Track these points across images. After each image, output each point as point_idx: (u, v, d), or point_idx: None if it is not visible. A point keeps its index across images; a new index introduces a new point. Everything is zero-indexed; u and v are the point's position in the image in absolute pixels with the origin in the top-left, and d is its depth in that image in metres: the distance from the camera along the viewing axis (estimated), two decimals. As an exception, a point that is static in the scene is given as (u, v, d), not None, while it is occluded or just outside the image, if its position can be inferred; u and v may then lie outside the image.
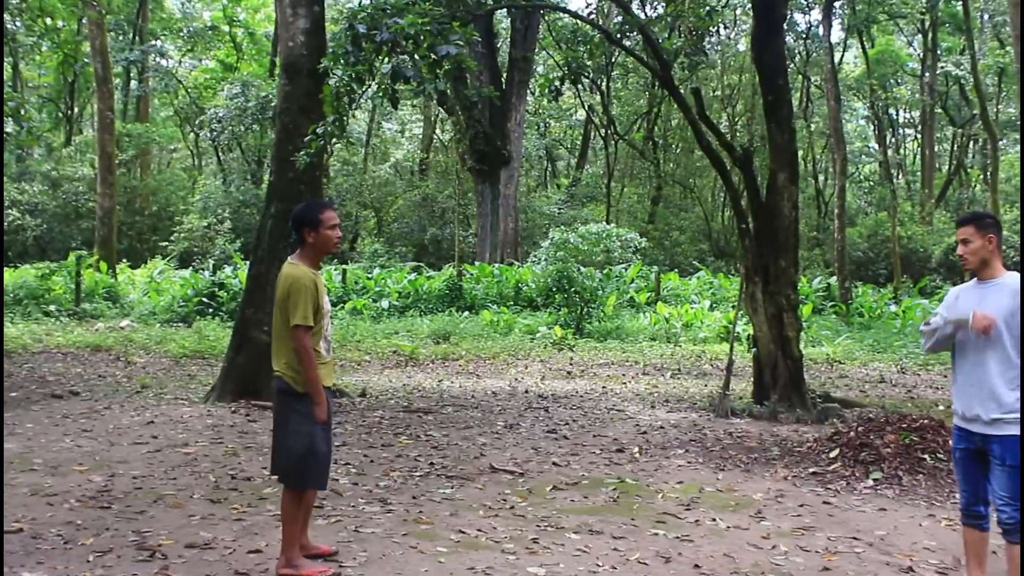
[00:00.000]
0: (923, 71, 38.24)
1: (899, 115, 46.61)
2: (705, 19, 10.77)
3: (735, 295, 19.36)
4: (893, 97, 39.92)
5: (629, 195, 44.32)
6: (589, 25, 11.97)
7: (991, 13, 38.28)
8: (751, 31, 10.75)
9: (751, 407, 11.02)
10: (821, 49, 29.49)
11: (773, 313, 11.01)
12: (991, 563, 5.09)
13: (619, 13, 12.28)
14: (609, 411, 11.10)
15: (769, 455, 8.59)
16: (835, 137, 25.62)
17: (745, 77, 38.19)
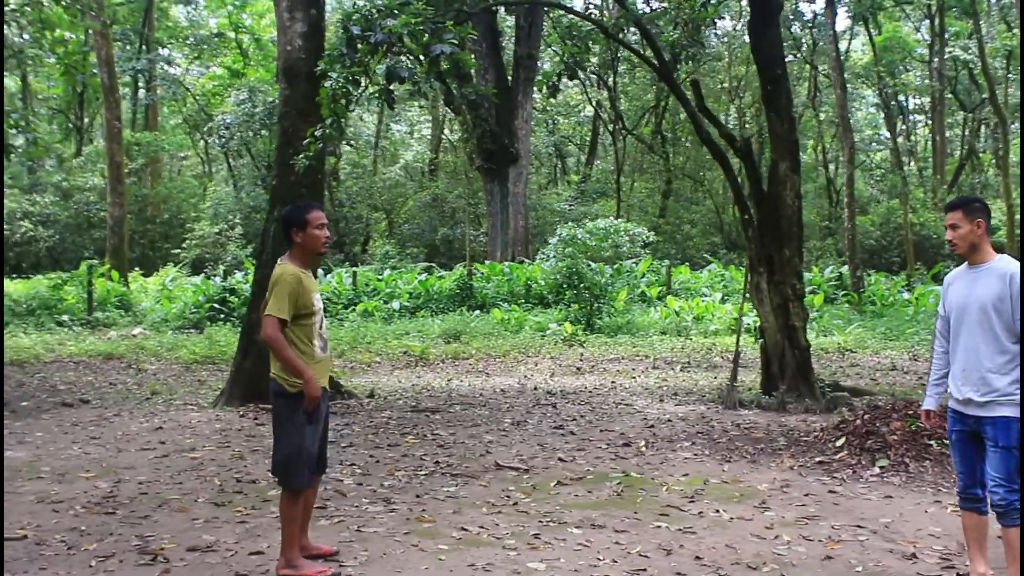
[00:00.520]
0: (931, 57, 37.98)
1: (909, 102, 46.31)
2: (701, 11, 10.75)
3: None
4: (902, 84, 39.66)
5: (639, 190, 44.22)
6: (585, 19, 11.95)
7: (998, -4, 38.06)
8: (748, 21, 10.71)
9: (759, 398, 10.99)
10: (827, 38, 29.32)
11: (779, 303, 10.97)
12: (993, 547, 5.08)
13: (616, 7, 12.23)
14: (617, 406, 11.10)
15: (775, 445, 8.57)
16: (843, 125, 25.53)
17: (752, 68, 38.00)
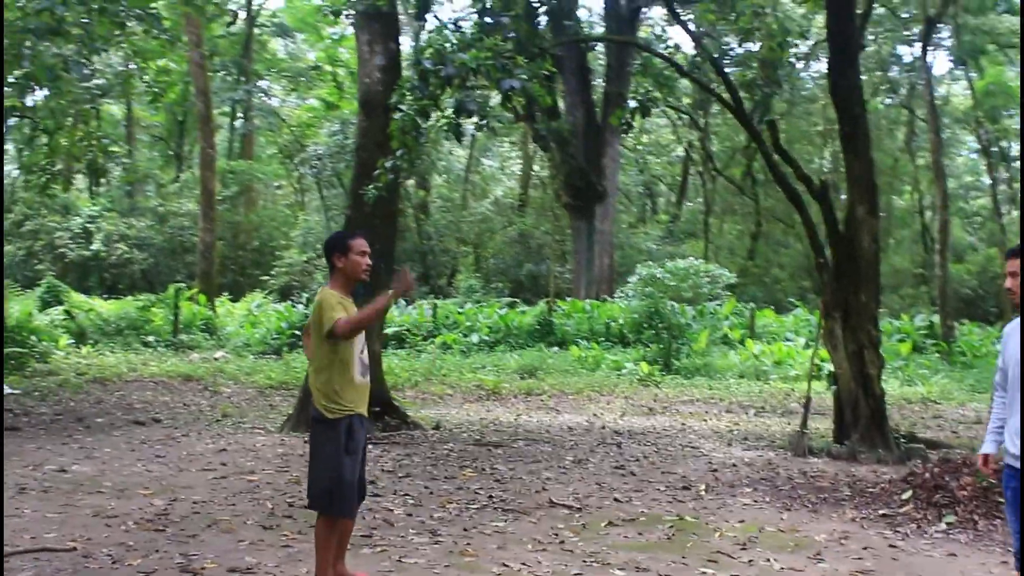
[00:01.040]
0: (1035, 102, 36.94)
1: (1011, 148, 45.00)
2: (777, 50, 10.64)
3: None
4: (1002, 129, 38.61)
5: (729, 231, 43.78)
6: (660, 57, 11.91)
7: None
8: (828, 62, 10.55)
9: (830, 446, 10.68)
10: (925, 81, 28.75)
11: (853, 350, 10.68)
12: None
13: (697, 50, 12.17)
14: (683, 448, 10.91)
15: (839, 495, 8.31)
16: (936, 170, 24.93)
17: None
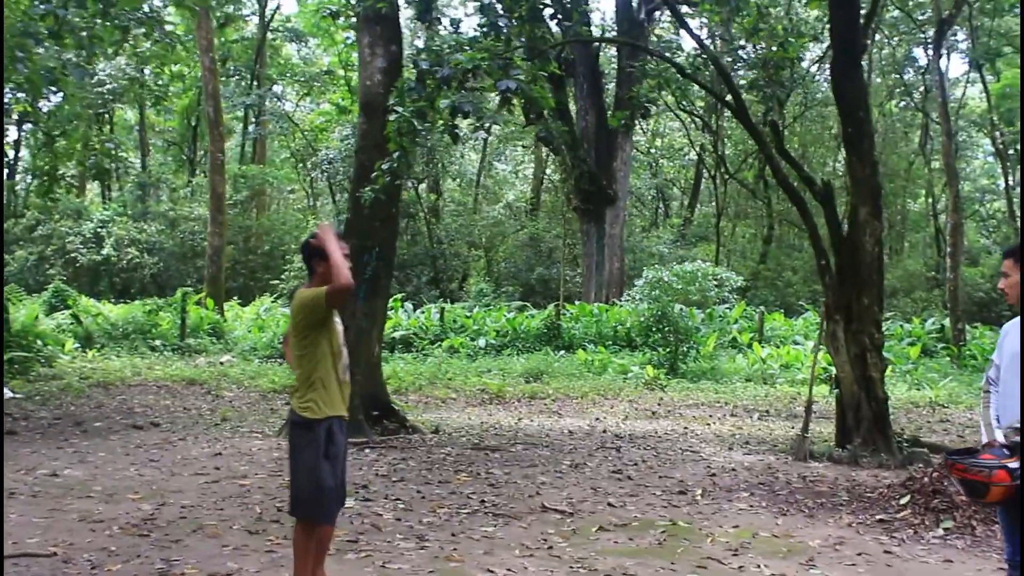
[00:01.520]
0: (1050, 105, 36.66)
1: (1028, 151, 44.66)
2: (779, 50, 10.53)
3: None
4: (1019, 132, 38.27)
5: (741, 235, 43.57)
6: (662, 59, 11.82)
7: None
8: (830, 63, 10.43)
9: (832, 451, 10.56)
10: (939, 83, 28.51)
11: (856, 353, 10.55)
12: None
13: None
14: (683, 452, 10.80)
15: (837, 500, 8.19)
16: (948, 173, 24.71)
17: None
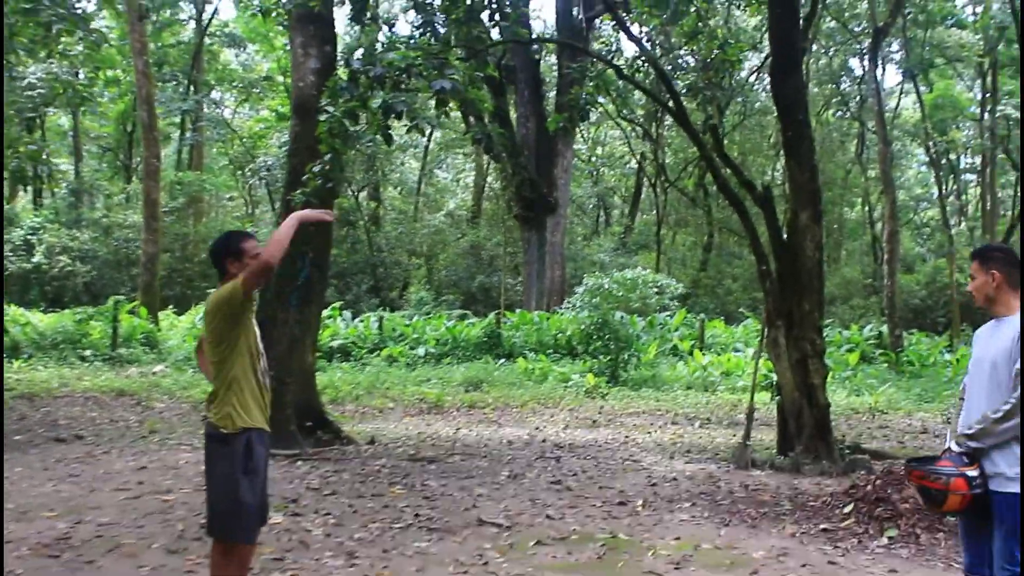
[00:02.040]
0: (982, 115, 37.30)
1: (960, 161, 45.45)
2: (720, 53, 10.43)
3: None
4: (951, 141, 38.95)
5: (681, 243, 43.73)
6: (601, 61, 11.67)
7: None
8: (769, 65, 10.35)
9: (773, 458, 10.45)
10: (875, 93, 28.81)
11: (797, 359, 10.45)
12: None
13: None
14: (624, 462, 10.62)
15: (780, 510, 8.04)
16: (884, 180, 24.94)
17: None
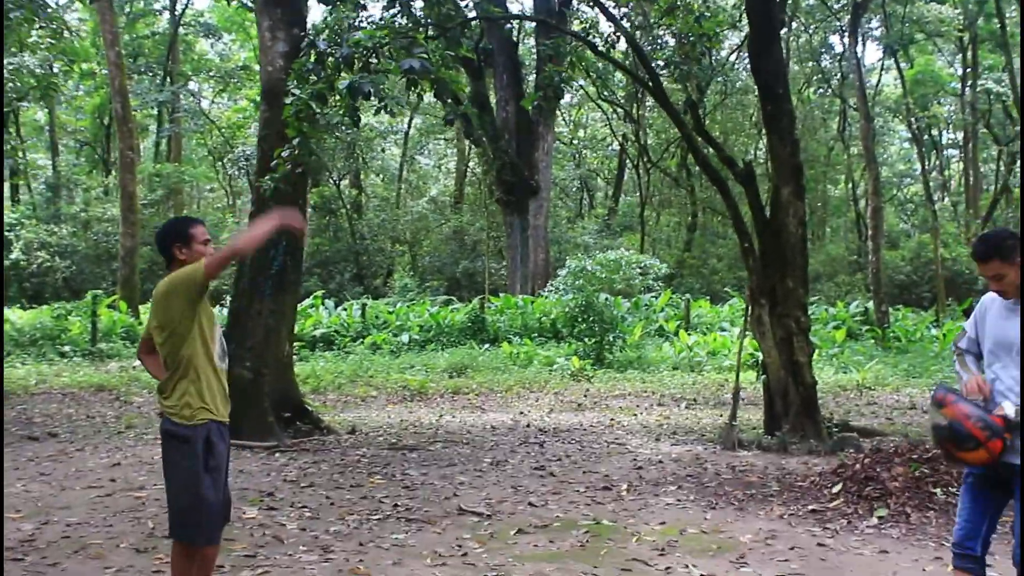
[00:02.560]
0: (964, 90, 37.21)
1: (942, 136, 45.41)
2: (695, 26, 10.23)
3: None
4: (932, 116, 38.84)
5: (665, 223, 43.59)
6: (575, 37, 11.45)
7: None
8: (747, 40, 10.15)
9: (760, 438, 10.31)
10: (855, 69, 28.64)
11: (782, 337, 10.29)
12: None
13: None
14: (609, 445, 10.45)
15: (767, 491, 7.88)
16: (867, 156, 24.80)
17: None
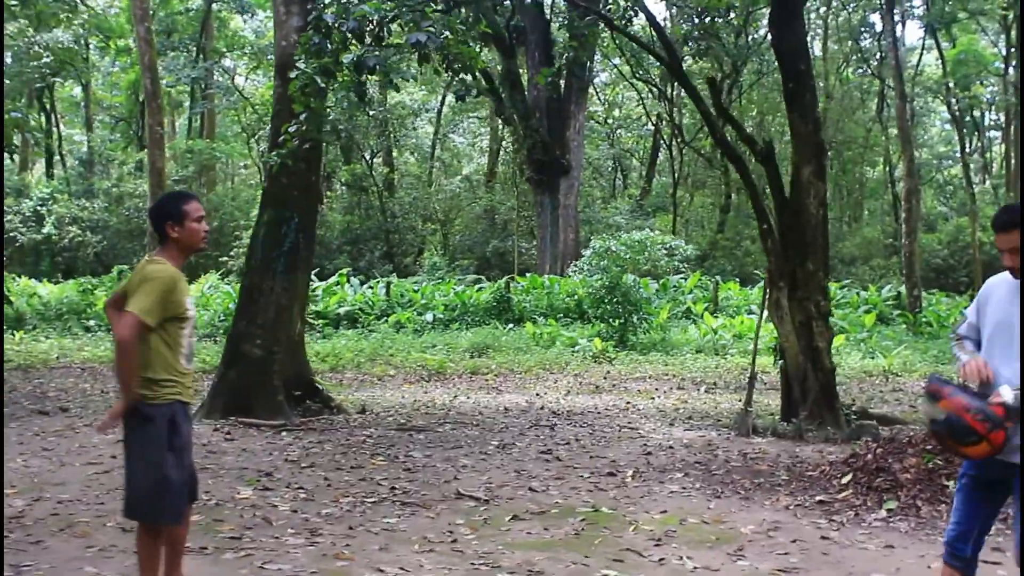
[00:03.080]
0: (1006, 70, 36.39)
1: (984, 117, 44.42)
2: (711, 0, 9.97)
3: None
4: (974, 97, 38.01)
5: (698, 204, 43.10)
6: (590, 10, 11.21)
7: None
8: (769, 14, 9.87)
9: (776, 425, 10.08)
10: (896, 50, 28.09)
11: (801, 321, 10.04)
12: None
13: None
14: (621, 429, 10.27)
15: (776, 480, 7.67)
16: (902, 137, 24.30)
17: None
